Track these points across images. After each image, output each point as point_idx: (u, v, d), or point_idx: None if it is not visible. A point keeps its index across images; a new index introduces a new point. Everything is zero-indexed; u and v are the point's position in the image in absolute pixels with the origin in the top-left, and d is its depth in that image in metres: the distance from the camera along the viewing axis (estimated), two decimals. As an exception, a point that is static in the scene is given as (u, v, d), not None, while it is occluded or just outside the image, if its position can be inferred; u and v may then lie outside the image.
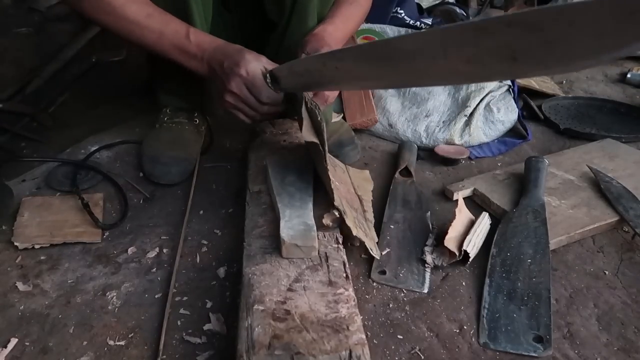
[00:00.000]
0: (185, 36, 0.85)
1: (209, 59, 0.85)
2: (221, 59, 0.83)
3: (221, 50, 0.85)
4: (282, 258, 0.71)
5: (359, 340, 0.58)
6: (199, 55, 0.85)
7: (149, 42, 0.85)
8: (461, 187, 0.99)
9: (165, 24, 0.85)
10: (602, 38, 0.38)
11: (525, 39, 0.41)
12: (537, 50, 0.41)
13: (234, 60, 0.82)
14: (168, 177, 1.01)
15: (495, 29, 0.42)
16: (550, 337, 0.68)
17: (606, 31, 0.37)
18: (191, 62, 0.86)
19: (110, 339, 0.69)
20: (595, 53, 0.41)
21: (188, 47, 0.85)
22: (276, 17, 1.03)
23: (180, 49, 0.86)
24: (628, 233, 0.89)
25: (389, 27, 1.56)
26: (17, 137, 1.21)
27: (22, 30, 1.85)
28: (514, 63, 0.43)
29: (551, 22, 0.39)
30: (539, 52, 0.41)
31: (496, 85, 1.23)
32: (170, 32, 0.85)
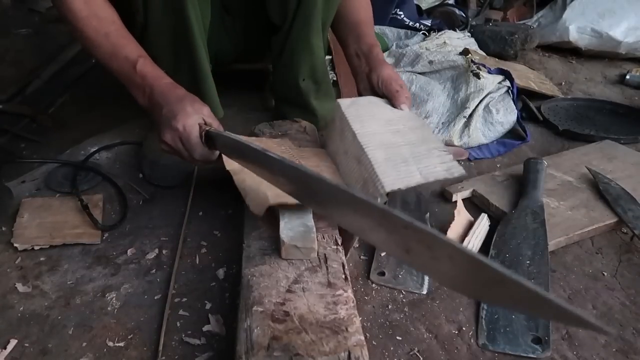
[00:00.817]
0: (132, 65, 0.83)
1: (149, 96, 0.82)
2: (161, 104, 0.80)
3: (162, 94, 0.81)
4: (281, 259, 0.71)
5: (358, 342, 0.58)
6: (141, 88, 0.83)
7: (100, 61, 0.85)
8: (460, 189, 0.99)
9: (119, 47, 0.83)
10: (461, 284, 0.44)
11: (416, 244, 0.45)
12: (425, 258, 0.45)
13: (172, 110, 0.78)
14: (168, 179, 1.01)
15: (395, 226, 0.45)
16: (548, 338, 0.69)
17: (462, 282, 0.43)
18: (136, 92, 0.84)
19: (110, 340, 0.70)
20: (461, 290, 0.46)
21: (134, 77, 0.83)
22: (279, 20, 1.03)
23: (126, 76, 0.83)
24: (627, 234, 0.89)
25: (389, 28, 1.57)
26: (16, 138, 1.21)
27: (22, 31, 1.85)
28: (407, 254, 0.46)
29: (436, 247, 0.43)
30: (426, 261, 0.45)
31: (495, 87, 1.24)
32: (120, 56, 0.83)
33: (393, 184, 0.72)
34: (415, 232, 0.44)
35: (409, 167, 0.76)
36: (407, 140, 0.82)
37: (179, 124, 0.76)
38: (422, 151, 0.80)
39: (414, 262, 0.47)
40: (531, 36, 1.67)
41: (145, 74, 0.83)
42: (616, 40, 1.68)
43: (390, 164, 0.76)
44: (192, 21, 0.90)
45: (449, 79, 1.27)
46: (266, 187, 0.72)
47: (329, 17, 1.02)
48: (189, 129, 0.76)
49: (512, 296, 0.40)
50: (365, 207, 0.49)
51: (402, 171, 0.75)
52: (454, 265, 0.42)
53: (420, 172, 0.75)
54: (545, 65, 1.71)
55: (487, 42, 1.64)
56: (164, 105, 0.79)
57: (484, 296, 0.48)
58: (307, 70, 1.08)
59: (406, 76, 1.29)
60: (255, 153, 0.64)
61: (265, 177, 0.67)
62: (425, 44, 1.42)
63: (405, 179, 0.73)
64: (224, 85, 1.06)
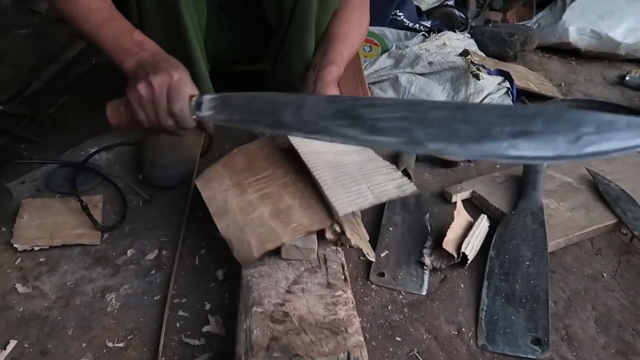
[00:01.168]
0: (128, 30, 0.80)
1: (143, 55, 0.77)
2: (158, 59, 0.75)
3: (164, 54, 0.78)
4: (280, 260, 0.71)
5: (357, 343, 0.58)
6: (133, 50, 0.77)
7: (88, 32, 0.80)
8: (460, 190, 0.99)
9: (114, 17, 0.81)
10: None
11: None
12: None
13: (172, 64, 0.75)
14: (168, 180, 1.01)
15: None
16: (548, 339, 0.69)
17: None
18: (123, 54, 0.77)
19: (110, 340, 0.70)
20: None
21: (126, 40, 0.78)
22: (276, 22, 1.03)
23: (117, 39, 0.79)
24: (626, 235, 0.89)
25: (388, 29, 1.57)
26: (16, 138, 1.21)
27: (22, 32, 1.85)
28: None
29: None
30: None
31: (495, 88, 1.24)
32: (114, 24, 0.81)
33: (346, 207, 0.70)
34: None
35: (359, 186, 0.74)
36: (352, 159, 0.81)
37: (176, 73, 0.72)
38: (370, 169, 0.79)
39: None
40: (531, 37, 1.67)
41: (143, 40, 0.80)
42: (616, 42, 1.68)
43: (339, 184, 0.74)
44: (186, 20, 0.90)
45: (449, 80, 1.28)
46: (249, 231, 0.72)
47: (322, 21, 1.01)
48: (183, 81, 0.72)
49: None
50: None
51: (353, 191, 0.73)
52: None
53: (371, 192, 0.73)
54: (544, 67, 1.71)
55: (486, 43, 1.64)
56: (162, 60, 0.75)
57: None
58: (303, 73, 1.07)
59: (406, 77, 1.29)
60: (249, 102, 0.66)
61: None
62: (425, 45, 1.42)
63: (357, 200, 0.71)
64: (223, 86, 1.06)
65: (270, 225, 0.72)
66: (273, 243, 0.70)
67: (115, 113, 0.77)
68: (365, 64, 1.39)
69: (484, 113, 0.51)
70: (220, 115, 0.70)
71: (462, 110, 0.53)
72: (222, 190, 0.81)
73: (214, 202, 0.79)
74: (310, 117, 0.61)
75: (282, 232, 0.71)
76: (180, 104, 0.71)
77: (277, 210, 0.74)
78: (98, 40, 0.80)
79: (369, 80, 1.32)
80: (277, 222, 0.72)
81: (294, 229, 0.71)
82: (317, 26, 1.01)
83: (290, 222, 0.72)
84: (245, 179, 0.81)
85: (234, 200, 0.78)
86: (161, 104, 0.72)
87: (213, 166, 0.86)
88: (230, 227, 0.74)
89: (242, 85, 1.38)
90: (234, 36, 1.16)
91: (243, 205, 0.76)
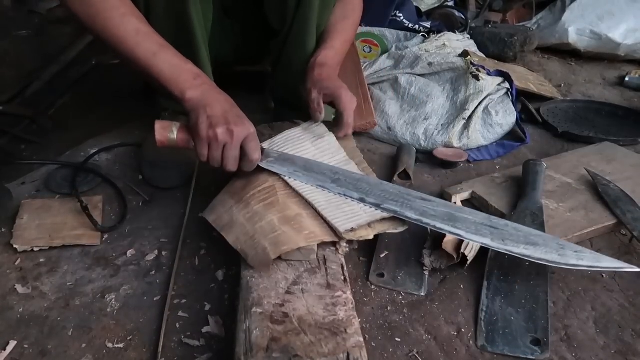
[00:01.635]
0: (184, 60, 0.83)
1: (205, 89, 0.81)
2: (220, 102, 0.80)
3: (222, 93, 0.84)
4: (280, 261, 0.71)
5: (357, 343, 0.59)
6: (196, 82, 0.81)
7: (142, 53, 0.80)
8: (459, 190, 0.99)
9: (166, 45, 0.83)
10: None
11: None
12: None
13: (243, 116, 0.81)
14: (168, 181, 1.02)
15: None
16: (547, 340, 0.69)
17: None
18: (180, 84, 0.81)
19: (109, 341, 0.70)
20: None
21: (185, 73, 0.82)
22: (278, 25, 1.03)
23: (175, 70, 0.81)
24: (626, 236, 0.89)
25: (388, 30, 1.57)
26: (16, 139, 1.21)
27: (22, 33, 1.86)
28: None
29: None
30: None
31: (495, 89, 1.24)
32: (170, 52, 0.82)
33: (345, 224, 0.73)
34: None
35: (351, 207, 0.77)
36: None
37: (252, 127, 0.80)
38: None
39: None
40: (530, 38, 1.67)
41: (199, 71, 0.84)
42: (615, 42, 1.68)
43: (332, 206, 0.77)
44: (194, 24, 0.90)
45: (449, 80, 1.28)
46: (261, 238, 0.72)
47: (323, 21, 1.02)
48: (256, 134, 0.81)
49: None
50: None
51: (348, 212, 0.76)
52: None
53: (364, 212, 0.77)
54: (544, 67, 1.72)
55: (486, 44, 1.64)
56: (232, 105, 0.82)
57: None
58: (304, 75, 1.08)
59: (406, 78, 1.29)
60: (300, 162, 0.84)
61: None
62: (425, 46, 1.42)
63: (353, 218, 0.75)
64: (225, 87, 1.06)
65: (282, 230, 0.72)
66: (289, 246, 0.70)
67: (164, 134, 0.82)
68: (365, 64, 1.39)
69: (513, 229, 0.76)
70: (282, 168, 0.83)
71: (489, 220, 0.77)
72: (227, 210, 0.81)
73: (220, 221, 0.80)
74: (371, 191, 0.80)
75: (297, 237, 0.71)
76: (257, 154, 0.81)
77: (286, 217, 0.75)
78: (152, 68, 0.80)
79: (368, 81, 1.32)
80: (288, 228, 0.72)
81: (307, 236, 0.71)
82: (318, 27, 1.01)
83: (302, 229, 0.72)
84: (246, 193, 0.81)
85: (239, 214, 0.78)
86: (234, 150, 0.79)
87: (216, 198, 0.87)
88: (241, 238, 0.74)
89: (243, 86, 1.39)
90: (235, 37, 1.16)
91: (250, 217, 0.77)
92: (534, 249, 0.72)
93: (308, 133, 0.93)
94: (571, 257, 0.71)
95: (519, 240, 0.73)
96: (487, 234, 0.74)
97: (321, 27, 1.03)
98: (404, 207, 0.78)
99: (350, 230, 0.73)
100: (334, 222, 0.73)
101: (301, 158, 0.86)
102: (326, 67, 0.95)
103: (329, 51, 0.98)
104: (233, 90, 0.88)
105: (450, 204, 0.81)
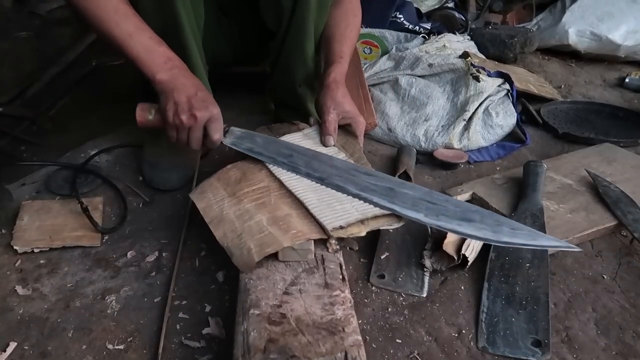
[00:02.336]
0: (159, 43, 0.85)
1: (174, 73, 0.84)
2: (196, 89, 0.84)
3: (192, 77, 0.86)
4: (278, 262, 0.71)
5: (355, 342, 0.58)
6: (166, 66, 0.84)
7: (119, 33, 0.82)
8: (460, 191, 0.99)
9: (144, 28, 0.85)
10: None
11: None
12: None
13: (209, 99, 0.85)
14: (168, 183, 1.02)
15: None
16: (548, 341, 0.69)
17: None
18: (151, 67, 0.83)
19: (110, 342, 0.69)
20: None
21: (157, 56, 0.84)
22: (273, 25, 1.03)
23: (149, 53, 0.84)
24: (626, 237, 0.89)
25: (388, 31, 1.57)
26: (17, 140, 1.21)
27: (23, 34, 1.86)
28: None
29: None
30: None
31: (495, 90, 1.24)
32: (146, 35, 0.84)
33: (333, 222, 0.73)
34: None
35: (343, 205, 0.77)
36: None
37: (215, 109, 0.84)
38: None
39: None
40: (530, 39, 1.67)
41: (172, 55, 0.86)
42: (615, 44, 1.68)
43: (324, 204, 0.77)
44: (182, 19, 0.90)
45: (449, 82, 1.28)
46: (247, 237, 0.72)
47: (321, 22, 1.01)
48: (219, 115, 0.85)
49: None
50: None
51: (339, 209, 0.76)
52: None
53: (356, 210, 0.76)
54: (544, 69, 1.72)
55: (486, 45, 1.64)
56: (198, 88, 0.85)
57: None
58: (302, 76, 1.08)
59: (406, 79, 1.29)
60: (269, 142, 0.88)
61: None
62: (425, 47, 1.42)
63: (344, 216, 0.74)
64: (225, 88, 1.06)
65: (269, 231, 0.72)
66: (273, 247, 0.70)
67: (144, 115, 0.88)
68: (365, 66, 1.39)
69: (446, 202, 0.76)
70: (244, 145, 0.88)
71: (430, 195, 0.78)
72: (217, 201, 0.81)
73: (210, 212, 0.80)
74: (319, 167, 0.83)
75: (282, 237, 0.71)
76: (217, 135, 0.86)
77: (275, 217, 0.75)
78: (128, 49, 0.83)
79: (369, 82, 1.32)
80: (275, 228, 0.73)
81: (294, 235, 0.71)
82: (315, 28, 1.01)
83: (289, 229, 0.72)
84: (240, 189, 0.82)
85: (230, 209, 0.78)
86: (197, 131, 0.84)
87: (206, 180, 0.87)
88: (228, 235, 0.74)
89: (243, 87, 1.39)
90: (232, 37, 1.16)
91: (240, 214, 0.77)
92: (468, 225, 0.72)
93: (308, 139, 0.93)
94: (505, 235, 0.70)
95: (454, 216, 0.73)
96: (423, 209, 0.74)
97: (319, 29, 1.03)
98: (347, 181, 0.80)
99: (339, 228, 0.73)
100: (322, 220, 0.73)
101: (264, 136, 0.90)
102: (341, 85, 0.95)
103: (343, 66, 0.98)
104: (234, 91, 0.88)
105: (396, 180, 0.82)
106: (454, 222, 0.72)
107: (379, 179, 0.80)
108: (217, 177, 0.87)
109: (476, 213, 0.74)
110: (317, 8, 0.97)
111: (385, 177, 0.81)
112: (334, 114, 0.92)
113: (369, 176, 0.81)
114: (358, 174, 0.81)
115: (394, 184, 0.79)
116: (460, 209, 0.74)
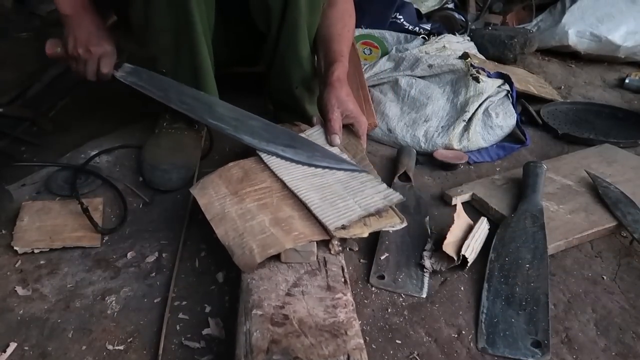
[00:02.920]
0: None
1: (82, 11, 0.96)
2: (95, 21, 0.97)
3: (93, 16, 0.98)
4: (280, 263, 0.72)
5: (357, 345, 0.59)
6: (74, 2, 0.95)
7: None
8: (460, 192, 0.99)
9: None
10: None
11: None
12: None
13: (106, 38, 0.98)
14: (168, 184, 1.01)
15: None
16: (548, 342, 0.69)
17: None
18: (63, 2, 0.95)
19: (110, 343, 0.70)
20: None
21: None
22: (264, 27, 1.03)
23: None
24: (626, 238, 0.89)
25: (388, 32, 1.57)
26: (17, 141, 1.21)
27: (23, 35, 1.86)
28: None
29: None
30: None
31: (495, 91, 1.24)
32: None
33: (336, 222, 0.73)
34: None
35: (346, 202, 0.78)
36: (336, 179, 0.84)
37: (109, 47, 0.98)
38: (355, 185, 0.83)
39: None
40: (530, 40, 1.67)
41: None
42: (615, 45, 1.69)
43: (326, 203, 0.77)
44: (196, 18, 0.90)
45: (449, 82, 1.28)
46: (249, 238, 0.72)
47: (313, 23, 1.01)
48: (111, 52, 0.99)
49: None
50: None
51: (341, 207, 0.76)
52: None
53: (359, 205, 0.77)
54: (544, 69, 1.72)
55: (486, 46, 1.64)
56: (98, 27, 0.97)
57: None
58: (299, 78, 1.08)
59: (406, 80, 1.29)
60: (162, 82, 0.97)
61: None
62: (425, 48, 1.42)
63: (346, 214, 0.75)
64: (225, 88, 1.06)
65: (271, 232, 0.72)
66: (275, 248, 0.70)
67: (53, 48, 1.01)
68: (365, 66, 1.40)
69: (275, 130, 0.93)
70: (131, 79, 0.99)
71: (267, 126, 0.94)
72: (219, 198, 0.81)
73: (212, 209, 0.80)
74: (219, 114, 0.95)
75: (284, 239, 0.71)
76: (107, 69, 0.99)
77: (277, 219, 0.75)
78: None
79: (369, 83, 1.32)
80: (278, 230, 0.73)
81: (296, 237, 0.71)
82: (308, 30, 1.01)
83: (291, 231, 0.72)
84: (242, 188, 0.82)
85: (232, 208, 0.78)
86: (92, 64, 0.99)
87: (208, 176, 0.87)
88: (230, 234, 0.74)
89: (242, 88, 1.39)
90: (231, 38, 1.16)
91: (242, 213, 0.77)
92: (290, 150, 0.88)
93: (311, 140, 0.93)
94: (316, 160, 0.87)
95: (281, 143, 0.89)
96: (260, 137, 0.91)
97: (312, 30, 1.03)
98: (215, 118, 0.94)
99: (342, 228, 0.73)
100: (324, 221, 0.73)
101: (152, 73, 0.99)
102: (344, 84, 0.96)
103: (344, 65, 0.99)
104: (234, 92, 0.88)
105: (250, 114, 0.96)
106: (279, 148, 0.88)
107: (238, 114, 0.95)
108: (218, 174, 0.87)
109: (298, 142, 0.90)
110: (308, 9, 0.97)
111: (244, 114, 0.95)
112: (338, 112, 0.92)
113: (230, 111, 0.96)
114: (220, 107, 0.96)
115: (241, 115, 0.95)
116: (288, 138, 0.91)
